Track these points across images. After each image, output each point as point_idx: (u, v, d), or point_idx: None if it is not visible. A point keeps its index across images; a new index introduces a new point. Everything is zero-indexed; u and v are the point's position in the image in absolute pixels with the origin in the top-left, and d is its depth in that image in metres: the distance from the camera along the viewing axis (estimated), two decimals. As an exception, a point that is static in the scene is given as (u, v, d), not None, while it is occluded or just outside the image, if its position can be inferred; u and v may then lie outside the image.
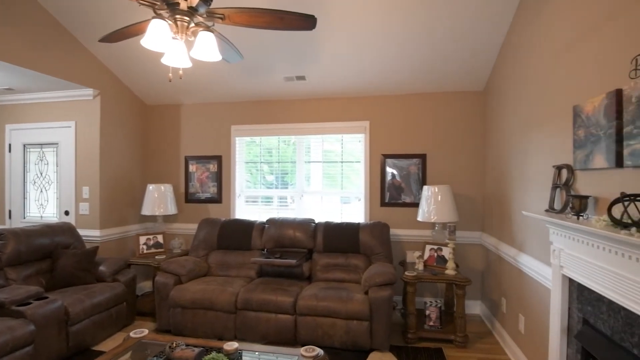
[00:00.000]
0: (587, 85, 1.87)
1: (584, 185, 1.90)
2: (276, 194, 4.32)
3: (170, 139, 4.47)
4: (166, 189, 4.06)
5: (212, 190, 4.38)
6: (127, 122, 4.18)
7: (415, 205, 3.84)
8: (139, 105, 4.39)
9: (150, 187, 4.00)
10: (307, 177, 4.22)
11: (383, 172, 3.96)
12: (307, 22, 1.88)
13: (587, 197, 1.79)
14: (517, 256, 2.74)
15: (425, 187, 3.46)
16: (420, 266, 3.27)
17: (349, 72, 3.62)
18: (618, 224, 1.42)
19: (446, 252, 3.31)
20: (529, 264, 2.50)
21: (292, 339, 3.01)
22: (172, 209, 4.09)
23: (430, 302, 3.23)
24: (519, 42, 2.76)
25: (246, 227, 3.88)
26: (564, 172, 2.07)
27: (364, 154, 4.02)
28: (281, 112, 4.19)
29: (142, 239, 3.86)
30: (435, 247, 3.39)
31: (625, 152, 1.54)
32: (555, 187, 2.14)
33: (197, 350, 1.75)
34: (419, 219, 3.47)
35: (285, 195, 4.30)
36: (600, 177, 1.76)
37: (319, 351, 1.98)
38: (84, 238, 3.62)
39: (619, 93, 1.59)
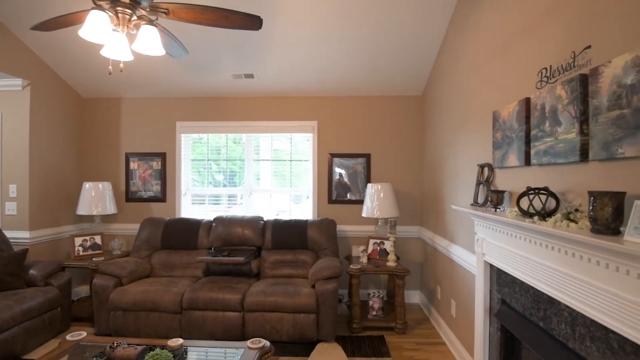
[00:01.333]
0: (504, 93, 2.13)
1: (501, 181, 2.15)
2: (224, 192, 4.28)
3: (110, 135, 4.23)
4: (105, 187, 3.85)
5: (155, 188, 4.22)
6: (61, 116, 3.90)
7: (361, 202, 4.03)
8: (75, 98, 4.11)
9: (87, 185, 3.77)
10: (257, 176, 4.24)
11: (331, 171, 4.09)
12: (252, 22, 1.92)
13: (503, 192, 2.03)
14: (448, 247, 3.00)
15: (369, 185, 3.65)
16: (364, 259, 3.44)
17: (298, 73, 3.70)
18: (525, 214, 1.65)
19: (388, 245, 3.51)
20: (459, 253, 2.76)
21: (240, 336, 3.02)
22: (111, 209, 3.89)
23: (374, 292, 3.42)
24: (451, 52, 3.02)
25: (192, 226, 3.80)
26: (486, 170, 2.32)
27: (313, 153, 4.12)
28: (230, 109, 4.16)
29: (78, 241, 3.63)
30: (378, 241, 3.59)
31: (532, 152, 1.78)
32: (478, 183, 2.39)
33: (139, 348, 1.72)
34: (364, 215, 3.64)
35: (233, 194, 4.27)
36: (513, 174, 2.01)
37: (265, 342, 2.03)
38: (11, 241, 3.32)
39: (527, 101, 1.84)
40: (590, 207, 1.24)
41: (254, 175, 4.23)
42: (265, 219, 3.89)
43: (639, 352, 1.13)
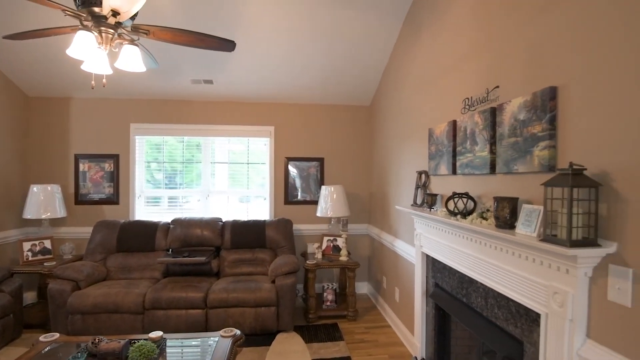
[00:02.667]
0: (438, 114, 2.57)
1: (434, 186, 2.60)
2: (181, 194, 4.36)
3: (58, 136, 4.10)
4: (54, 189, 3.76)
5: (107, 190, 4.18)
6: (3, 114, 3.71)
7: (315, 202, 4.35)
8: (19, 96, 3.92)
9: (35, 188, 3.65)
10: (213, 178, 4.38)
11: (286, 173, 4.36)
12: (226, 45, 2.15)
13: (436, 195, 2.47)
14: (393, 241, 3.44)
15: (323, 187, 3.99)
16: (319, 255, 3.77)
17: (255, 80, 3.92)
18: (451, 213, 2.08)
19: (340, 242, 3.88)
20: (401, 247, 3.20)
21: (203, 332, 3.19)
22: (60, 212, 3.80)
23: (327, 285, 3.77)
24: (396, 72, 3.46)
25: (149, 228, 3.86)
26: (423, 176, 2.76)
27: (269, 157, 4.36)
28: (187, 113, 4.25)
29: (27, 245, 3.51)
30: (332, 238, 3.95)
31: (457, 164, 2.23)
32: (417, 187, 2.84)
33: (122, 342, 1.87)
34: (318, 214, 3.98)
35: (190, 196, 4.37)
36: (443, 180, 2.46)
37: (236, 331, 2.27)
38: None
39: (454, 123, 2.28)
40: (495, 209, 1.68)
41: (210, 177, 4.36)
42: (223, 220, 4.06)
43: (529, 314, 1.58)
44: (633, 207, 1.16)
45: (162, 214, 4.30)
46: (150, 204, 4.32)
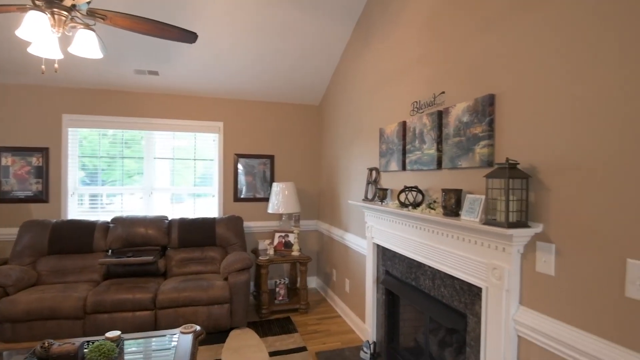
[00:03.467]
0: (388, 115, 2.79)
1: (385, 181, 2.82)
2: (120, 191, 4.10)
3: (-29, 126, 3.62)
4: (-32, 186, 3.32)
5: (35, 187, 3.79)
6: None
7: (265, 200, 4.39)
8: None
9: (-56, 184, 3.19)
10: (157, 174, 4.19)
11: (236, 170, 4.33)
12: (188, 37, 2.12)
13: (387, 189, 2.69)
14: (343, 235, 3.62)
15: (274, 184, 4.04)
16: (271, 251, 3.82)
17: (205, 75, 3.84)
18: (402, 205, 2.29)
19: (292, 237, 3.97)
20: (352, 240, 3.39)
21: (152, 333, 3.06)
22: (-24, 212, 3.37)
23: (279, 280, 3.83)
24: (346, 73, 3.65)
25: (86, 227, 3.58)
26: (374, 173, 2.97)
27: (218, 153, 4.29)
28: (129, 105, 4.02)
29: None
30: (283, 234, 4.02)
31: (407, 161, 2.46)
32: (368, 183, 3.04)
33: (77, 343, 1.76)
34: (269, 211, 4.02)
35: (132, 193, 4.13)
36: (394, 176, 2.68)
37: (196, 327, 2.25)
38: None
39: (404, 123, 2.51)
40: (442, 199, 1.91)
41: (154, 173, 4.17)
42: (170, 218, 3.92)
43: (472, 289, 1.82)
44: (554, 194, 1.43)
45: (98, 214, 4.01)
46: (85, 202, 3.99)
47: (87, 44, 1.80)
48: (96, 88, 3.91)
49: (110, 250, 3.62)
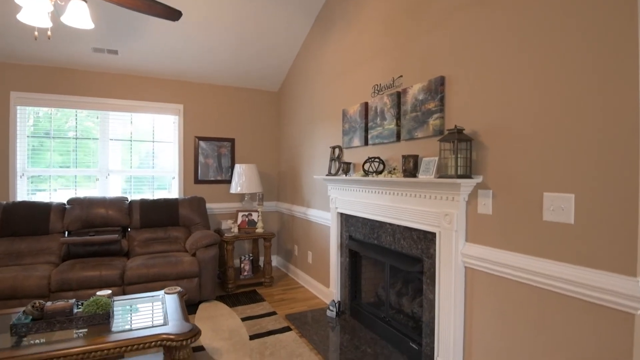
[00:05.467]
0: (350, 98, 3.12)
1: (348, 157, 3.14)
2: (75, 173, 3.95)
3: None
4: None
5: (-26, 169, 3.52)
6: None
7: (226, 182, 4.50)
8: None
9: None
10: (114, 156, 4.10)
11: (197, 153, 4.39)
12: (172, 14, 2.24)
13: (350, 163, 3.01)
14: (306, 211, 3.90)
15: (236, 165, 4.18)
16: (235, 229, 3.97)
17: (165, 56, 3.85)
18: (366, 173, 2.63)
19: (255, 216, 4.16)
20: (315, 214, 3.68)
21: (120, 309, 3.08)
22: None
23: (244, 257, 4.00)
24: (307, 61, 3.91)
25: (41, 209, 3.44)
26: (337, 150, 3.28)
27: (178, 135, 4.31)
28: (86, 84, 3.88)
29: None
30: (246, 213, 4.18)
31: (369, 136, 2.80)
32: (331, 159, 3.34)
33: (71, 300, 1.82)
34: (232, 191, 4.16)
35: (87, 175, 4.00)
36: (356, 151, 3.01)
37: (179, 288, 2.38)
38: None
39: (366, 104, 2.85)
40: (402, 164, 2.27)
41: (111, 155, 4.07)
42: (129, 199, 3.88)
43: (427, 236, 2.21)
44: (491, 151, 1.84)
45: (49, 196, 3.83)
46: (35, 184, 3.79)
47: (79, 15, 1.86)
48: (50, 65, 3.73)
49: (67, 233, 3.51)
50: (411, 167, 2.23)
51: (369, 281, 3.08)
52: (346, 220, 3.09)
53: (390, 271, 2.71)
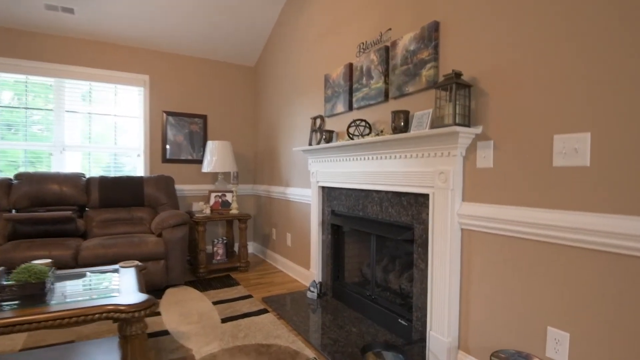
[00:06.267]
0: (333, 61, 2.88)
1: (330, 125, 2.91)
2: (25, 147, 3.53)
3: None
4: None
5: None
6: None
7: (198, 162, 4.17)
8: None
9: None
10: (70, 130, 3.70)
11: (165, 129, 4.04)
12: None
13: (332, 131, 2.78)
14: (285, 191, 3.64)
15: (209, 142, 3.87)
16: (207, 211, 3.66)
17: (129, 19, 3.50)
18: (351, 137, 2.40)
19: (229, 196, 3.86)
20: (294, 192, 3.43)
21: (73, 294, 2.72)
22: None
23: (217, 240, 3.70)
24: (285, 31, 3.65)
25: (-19, 184, 3.02)
26: (318, 120, 3.04)
27: (144, 109, 3.96)
28: (37, 47, 3.47)
29: None
30: (220, 194, 3.88)
31: (354, 99, 2.58)
32: (312, 131, 3.10)
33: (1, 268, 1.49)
34: (204, 170, 3.84)
35: (38, 151, 3.58)
36: (340, 118, 2.79)
37: (137, 262, 2.08)
38: None
39: (350, 65, 2.62)
40: (392, 121, 2.06)
41: (67, 129, 3.67)
42: (87, 176, 3.51)
43: (418, 200, 2.00)
44: (492, 98, 1.65)
45: (-6, 173, 3.40)
46: (-27, 160, 3.35)
47: None
48: (-10, 22, 3.30)
49: (14, 211, 3.11)
50: (401, 124, 2.02)
51: (352, 259, 2.85)
52: (328, 194, 2.86)
53: (376, 246, 2.50)
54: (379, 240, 2.52)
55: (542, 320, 1.44)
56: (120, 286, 1.71)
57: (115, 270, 1.99)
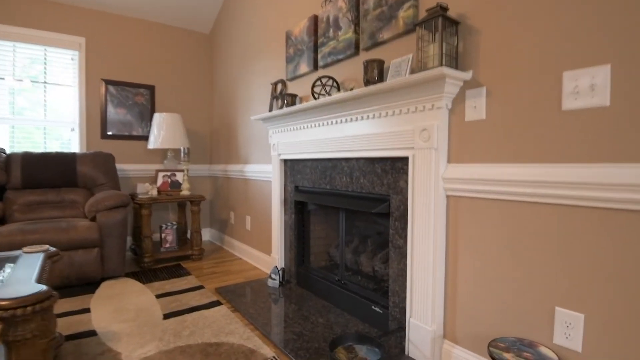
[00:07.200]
0: (296, 13, 2.51)
1: (293, 89, 2.55)
2: None
3: None
4: None
5: None
6: None
7: (144, 138, 3.67)
8: None
9: None
10: (-15, 98, 3.09)
11: (105, 100, 3.50)
12: None
13: (295, 96, 2.42)
14: (243, 168, 3.24)
15: (156, 114, 3.39)
16: (154, 192, 3.20)
17: (56, -34, 2.94)
18: (316, 98, 2.06)
19: (180, 176, 3.41)
20: (253, 169, 3.05)
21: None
22: None
23: (166, 225, 3.25)
24: (243, -15, 3.22)
25: None
26: (279, 86, 2.67)
27: (79, 76, 3.39)
28: None
29: None
30: (169, 173, 3.42)
31: (319, 56, 2.23)
32: (273, 97, 2.73)
33: None
34: (151, 146, 3.37)
35: (-59, 121, 2.96)
36: (303, 81, 2.43)
37: (48, 247, 1.65)
38: None
39: (315, 17, 2.26)
40: (364, 73, 1.73)
41: (-20, 97, 3.07)
42: (7, 152, 2.94)
43: (395, 166, 1.70)
44: (484, 36, 1.36)
45: None
46: None
47: None
48: None
49: None
50: (375, 75, 1.70)
51: (319, 242, 2.54)
52: (291, 168, 2.51)
53: (345, 224, 2.19)
54: (348, 218, 2.21)
55: (548, 299, 1.19)
56: (11, 276, 1.28)
57: (15, 256, 1.55)
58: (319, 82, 2.07)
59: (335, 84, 2.05)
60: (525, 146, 1.24)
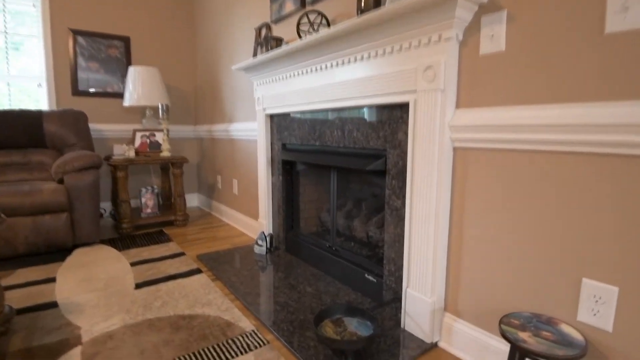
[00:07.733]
0: (280, -58, 2.15)
1: (279, 32, 2.24)
2: None
3: None
4: None
5: None
6: None
7: (119, 95, 3.36)
8: None
9: None
10: None
11: (75, 53, 3.16)
12: None
13: (281, 40, 2.12)
14: (228, 127, 2.97)
15: (131, 68, 3.07)
16: (131, 153, 2.94)
17: None
18: (301, 36, 1.77)
19: (160, 136, 3.15)
20: (239, 128, 2.78)
21: None
22: None
23: (146, 189, 3.02)
24: None
25: None
26: (264, 30, 2.35)
27: (44, 26, 3.03)
28: None
29: None
30: (147, 133, 3.15)
31: (307, -10, 1.91)
32: (257, 44, 2.41)
33: None
34: (126, 103, 3.07)
35: None
36: (290, 22, 2.12)
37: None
38: None
39: (302, -57, 1.92)
40: (357, 1, 1.44)
41: None
42: (-37, 110, 2.66)
43: (393, 115, 1.45)
44: (510, -60, 1.07)
45: None
46: None
47: None
48: None
49: None
50: (371, 3, 1.41)
51: (309, 205, 2.32)
52: (278, 124, 2.24)
53: (337, 185, 1.96)
54: (340, 179, 1.98)
55: (572, 269, 0.98)
56: None
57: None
58: (305, 19, 1.77)
59: (324, 20, 1.75)
60: (556, 82, 0.99)
